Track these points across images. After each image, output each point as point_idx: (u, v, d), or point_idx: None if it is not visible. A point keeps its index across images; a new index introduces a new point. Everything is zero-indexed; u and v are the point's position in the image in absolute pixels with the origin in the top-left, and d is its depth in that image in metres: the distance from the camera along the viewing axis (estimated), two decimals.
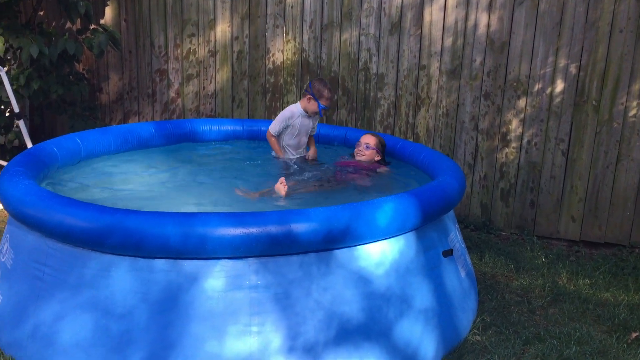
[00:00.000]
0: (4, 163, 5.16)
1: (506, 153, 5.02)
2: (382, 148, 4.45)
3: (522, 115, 4.92)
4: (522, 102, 4.90)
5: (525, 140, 4.95)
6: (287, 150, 4.49)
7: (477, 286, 3.80)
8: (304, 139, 4.51)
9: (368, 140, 4.40)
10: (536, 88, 4.85)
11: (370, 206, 2.92)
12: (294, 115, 4.39)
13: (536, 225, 5.05)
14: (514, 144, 4.98)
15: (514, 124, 4.95)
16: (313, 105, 4.31)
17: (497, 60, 4.91)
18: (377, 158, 4.39)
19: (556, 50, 4.74)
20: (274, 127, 4.43)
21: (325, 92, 4.27)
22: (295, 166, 4.37)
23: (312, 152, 4.58)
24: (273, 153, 4.55)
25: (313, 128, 4.53)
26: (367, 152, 4.37)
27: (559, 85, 4.78)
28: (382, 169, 4.34)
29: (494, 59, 4.92)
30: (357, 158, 4.40)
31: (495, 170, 5.09)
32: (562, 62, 4.74)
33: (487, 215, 5.18)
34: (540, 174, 4.95)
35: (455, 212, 5.06)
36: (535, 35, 4.78)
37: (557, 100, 4.81)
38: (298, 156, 4.51)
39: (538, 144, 4.92)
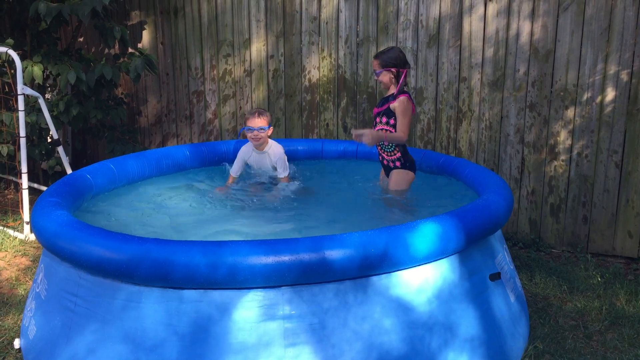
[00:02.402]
0: (45, 189, 5.20)
1: (555, 166, 4.77)
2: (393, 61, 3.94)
3: (570, 126, 4.67)
4: (570, 113, 4.66)
5: (575, 153, 4.69)
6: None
7: (527, 310, 3.57)
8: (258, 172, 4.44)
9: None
10: (585, 97, 4.60)
11: (408, 229, 2.76)
12: (247, 154, 4.42)
13: (590, 242, 4.77)
14: (563, 157, 4.73)
15: (563, 135, 4.70)
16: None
17: (542, 69, 4.69)
18: (393, 89, 3.96)
19: (605, 57, 4.49)
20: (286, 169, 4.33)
21: (246, 116, 4.26)
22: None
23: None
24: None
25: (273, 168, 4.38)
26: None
27: (610, 94, 4.52)
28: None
29: (538, 69, 4.70)
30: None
31: (544, 185, 4.84)
32: (612, 69, 4.48)
33: (537, 232, 4.92)
34: (593, 187, 4.68)
35: (502, 230, 4.82)
36: (582, 41, 4.54)
37: (608, 109, 4.55)
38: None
39: (589, 156, 4.66)
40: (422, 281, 2.82)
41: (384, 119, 3.96)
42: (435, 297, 2.84)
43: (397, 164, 4.06)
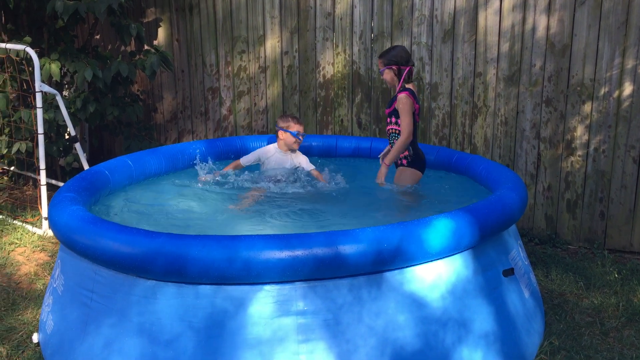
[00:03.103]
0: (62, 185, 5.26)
1: (571, 162, 4.73)
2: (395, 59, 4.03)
3: (587, 121, 4.63)
4: (587, 108, 4.61)
5: (592, 148, 4.65)
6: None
7: (543, 306, 3.55)
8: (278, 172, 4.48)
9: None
10: (602, 92, 4.55)
11: (422, 225, 2.76)
12: (268, 152, 4.50)
13: (607, 238, 4.72)
14: (579, 152, 4.69)
15: (579, 130, 4.66)
16: (288, 137, 4.40)
17: (559, 64, 4.65)
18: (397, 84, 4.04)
19: (623, 51, 4.44)
20: (246, 158, 4.50)
21: (291, 121, 4.40)
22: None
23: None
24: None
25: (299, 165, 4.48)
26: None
27: (627, 88, 4.47)
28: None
29: (555, 63, 4.66)
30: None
31: (560, 180, 4.80)
32: (629, 64, 4.43)
33: (553, 228, 4.89)
34: (610, 183, 4.63)
35: (518, 226, 4.80)
36: (600, 36, 4.49)
37: (626, 104, 4.49)
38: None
39: (606, 152, 4.61)
40: (436, 277, 2.82)
41: (393, 119, 4.06)
42: (449, 293, 2.84)
43: (404, 161, 4.12)
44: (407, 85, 4.00)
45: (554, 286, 4.06)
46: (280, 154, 4.47)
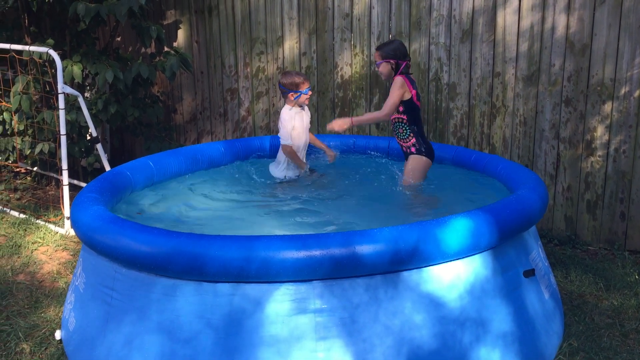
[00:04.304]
0: (85, 185, 5.34)
1: (591, 162, 4.69)
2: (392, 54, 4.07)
3: (607, 121, 4.59)
4: (607, 107, 4.57)
5: (612, 148, 4.60)
6: (287, 161, 4.45)
7: (562, 307, 3.52)
8: (307, 137, 4.52)
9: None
10: (623, 92, 4.50)
11: (440, 225, 2.76)
12: (292, 116, 4.39)
13: (627, 239, 4.67)
14: (599, 152, 4.65)
15: (599, 130, 4.62)
16: (300, 98, 4.36)
17: (579, 63, 4.61)
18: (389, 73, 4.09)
19: None
20: (286, 135, 4.35)
21: (297, 79, 4.32)
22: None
23: (330, 153, 4.62)
24: (281, 173, 4.44)
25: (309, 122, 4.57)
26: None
27: None
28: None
29: (574, 63, 4.62)
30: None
31: (580, 181, 4.76)
32: None
33: (573, 229, 4.85)
34: (631, 183, 4.59)
35: (538, 227, 4.76)
36: (620, 35, 4.45)
37: None
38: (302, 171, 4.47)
39: (627, 152, 4.56)
40: (454, 277, 2.82)
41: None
42: (467, 293, 2.84)
43: (412, 149, 4.14)
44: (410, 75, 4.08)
45: (573, 287, 4.03)
46: (298, 114, 4.43)
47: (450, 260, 2.81)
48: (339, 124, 4.14)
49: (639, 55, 4.41)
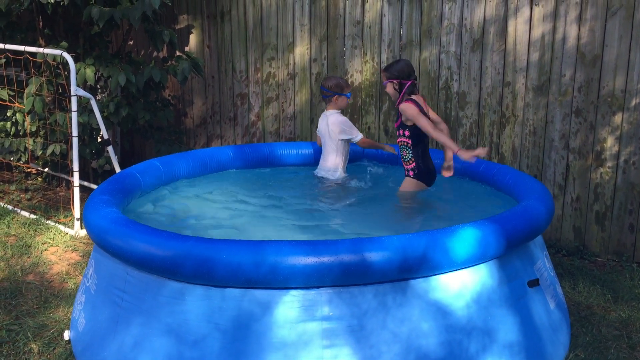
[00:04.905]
0: (95, 187, 5.38)
1: (601, 173, 4.69)
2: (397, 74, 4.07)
3: (618, 133, 4.58)
4: (617, 119, 4.57)
5: (622, 160, 4.60)
6: (343, 162, 4.55)
7: (569, 318, 3.52)
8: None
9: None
10: (633, 103, 4.50)
11: (448, 234, 2.77)
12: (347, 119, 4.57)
13: (636, 250, 4.66)
14: (609, 164, 4.65)
15: (609, 141, 4.62)
16: (342, 100, 4.51)
17: (589, 74, 4.62)
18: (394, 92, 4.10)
19: None
20: (354, 132, 4.51)
21: (342, 82, 4.50)
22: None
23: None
24: (337, 174, 4.51)
25: None
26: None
27: None
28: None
29: (585, 74, 4.63)
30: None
31: (589, 192, 4.76)
32: None
33: (581, 239, 4.84)
34: None
35: (546, 237, 4.77)
36: (631, 46, 4.45)
37: None
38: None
39: (637, 163, 4.56)
40: (461, 285, 2.83)
41: (401, 132, 4.14)
42: (474, 302, 2.85)
43: (410, 173, 4.18)
44: (412, 97, 4.05)
45: (581, 298, 4.03)
46: (341, 117, 4.57)
47: (458, 269, 2.82)
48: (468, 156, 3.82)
49: None
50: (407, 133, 4.08)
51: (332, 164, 4.53)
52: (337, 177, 4.52)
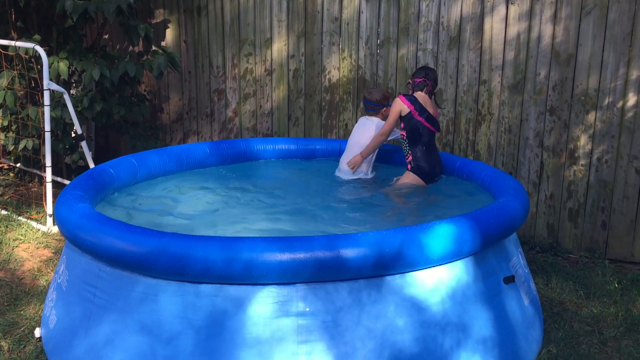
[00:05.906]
0: (67, 182, 5.30)
1: (574, 171, 4.75)
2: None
3: (591, 131, 4.65)
4: (591, 117, 4.63)
5: (595, 158, 4.66)
6: (370, 164, 4.61)
7: (542, 314, 3.57)
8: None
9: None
10: (606, 102, 4.57)
11: (423, 230, 2.78)
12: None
13: (608, 247, 4.73)
14: (582, 162, 4.71)
15: (583, 140, 4.68)
16: (388, 110, 4.54)
17: (564, 73, 4.67)
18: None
19: (627, 62, 4.46)
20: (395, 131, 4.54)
21: (387, 93, 4.62)
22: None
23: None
24: (363, 170, 4.56)
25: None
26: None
27: (632, 99, 4.49)
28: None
29: (559, 72, 4.68)
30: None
31: (563, 190, 4.82)
32: (634, 74, 4.45)
33: (554, 236, 4.90)
34: (612, 193, 4.65)
35: (520, 233, 4.82)
36: (605, 46, 4.51)
37: (630, 114, 4.51)
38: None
39: (609, 162, 4.62)
40: (437, 282, 2.84)
41: (401, 125, 4.33)
42: (449, 298, 2.86)
43: (408, 166, 4.35)
44: (418, 92, 4.29)
45: (553, 294, 4.08)
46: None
47: (434, 266, 2.83)
48: (352, 164, 4.45)
49: (623, 66, 4.47)
50: (402, 125, 4.29)
51: (365, 167, 4.62)
52: (357, 173, 4.59)
